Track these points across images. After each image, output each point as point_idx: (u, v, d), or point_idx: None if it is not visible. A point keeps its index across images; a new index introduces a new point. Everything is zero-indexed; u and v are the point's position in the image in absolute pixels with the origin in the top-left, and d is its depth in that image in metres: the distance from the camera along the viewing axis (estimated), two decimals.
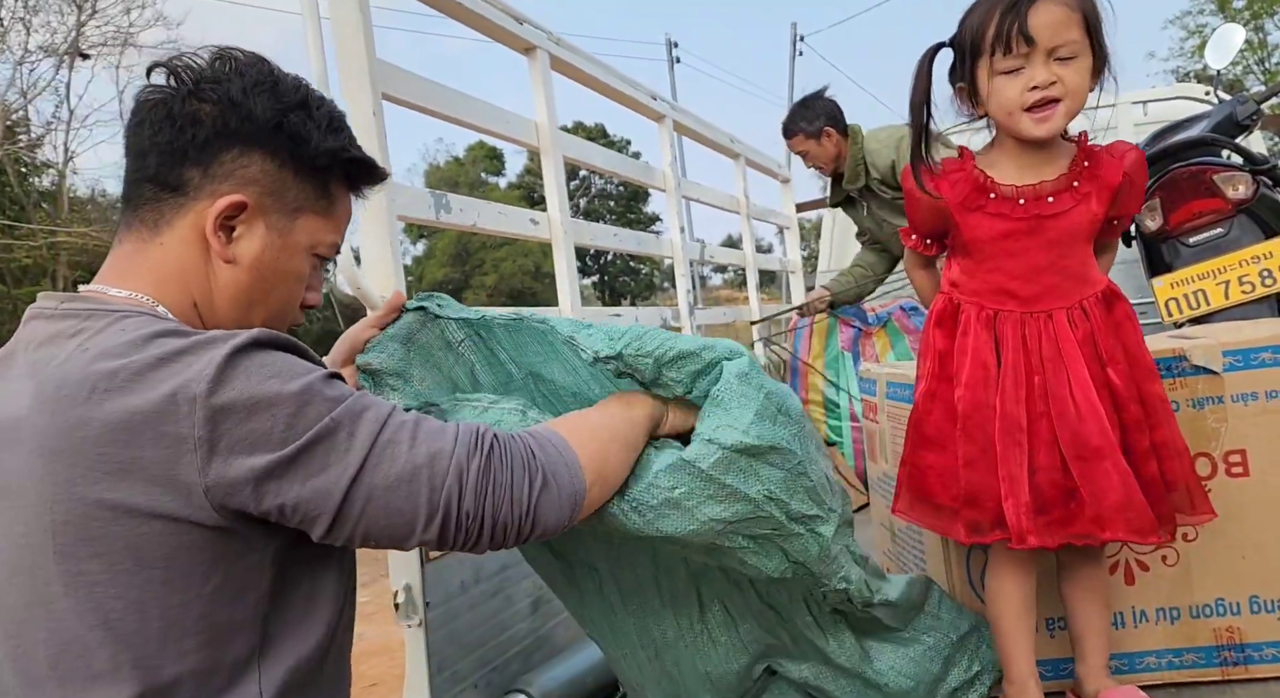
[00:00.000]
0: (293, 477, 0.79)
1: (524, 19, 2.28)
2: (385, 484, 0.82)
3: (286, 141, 0.92)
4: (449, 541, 0.85)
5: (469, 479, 0.84)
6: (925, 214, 1.44)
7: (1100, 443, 1.30)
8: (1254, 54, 18.73)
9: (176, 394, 0.77)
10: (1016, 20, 1.25)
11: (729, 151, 4.00)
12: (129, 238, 0.91)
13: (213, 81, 0.90)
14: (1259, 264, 2.33)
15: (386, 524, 0.83)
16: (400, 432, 0.84)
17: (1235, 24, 3.39)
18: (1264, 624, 1.56)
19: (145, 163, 0.90)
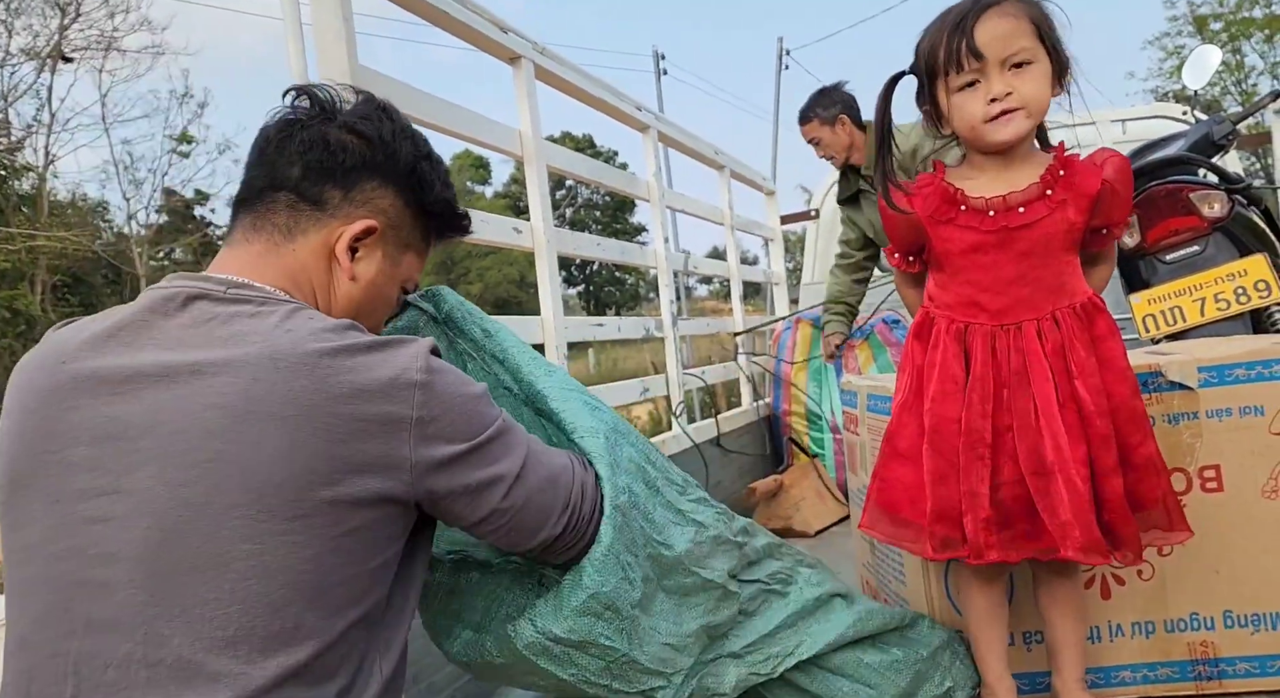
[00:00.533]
0: (473, 464, 0.91)
1: (509, 28, 2.28)
2: (537, 484, 0.97)
3: (415, 185, 1.04)
4: (563, 542, 1.01)
5: (587, 495, 1.03)
6: (901, 230, 1.44)
7: (1053, 459, 1.29)
8: (1231, 75, 19.04)
9: (398, 378, 0.86)
10: (963, 38, 1.28)
11: (714, 163, 4.02)
12: (258, 239, 0.98)
13: (364, 117, 1.00)
14: (1234, 282, 2.36)
15: (533, 518, 0.98)
16: (536, 444, 1.01)
17: (1212, 45, 3.44)
18: (1237, 639, 1.57)
19: (287, 173, 0.97)
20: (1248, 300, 2.33)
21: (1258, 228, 2.49)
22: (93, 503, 0.81)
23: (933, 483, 1.37)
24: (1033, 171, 1.35)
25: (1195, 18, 19.09)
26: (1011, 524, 1.33)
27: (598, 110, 2.96)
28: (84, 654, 0.80)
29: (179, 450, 0.81)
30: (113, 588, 0.80)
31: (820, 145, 3.29)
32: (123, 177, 20.34)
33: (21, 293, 15.53)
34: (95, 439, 0.83)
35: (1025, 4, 1.29)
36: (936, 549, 1.38)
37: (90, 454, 0.83)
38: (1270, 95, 3.32)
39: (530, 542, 1.00)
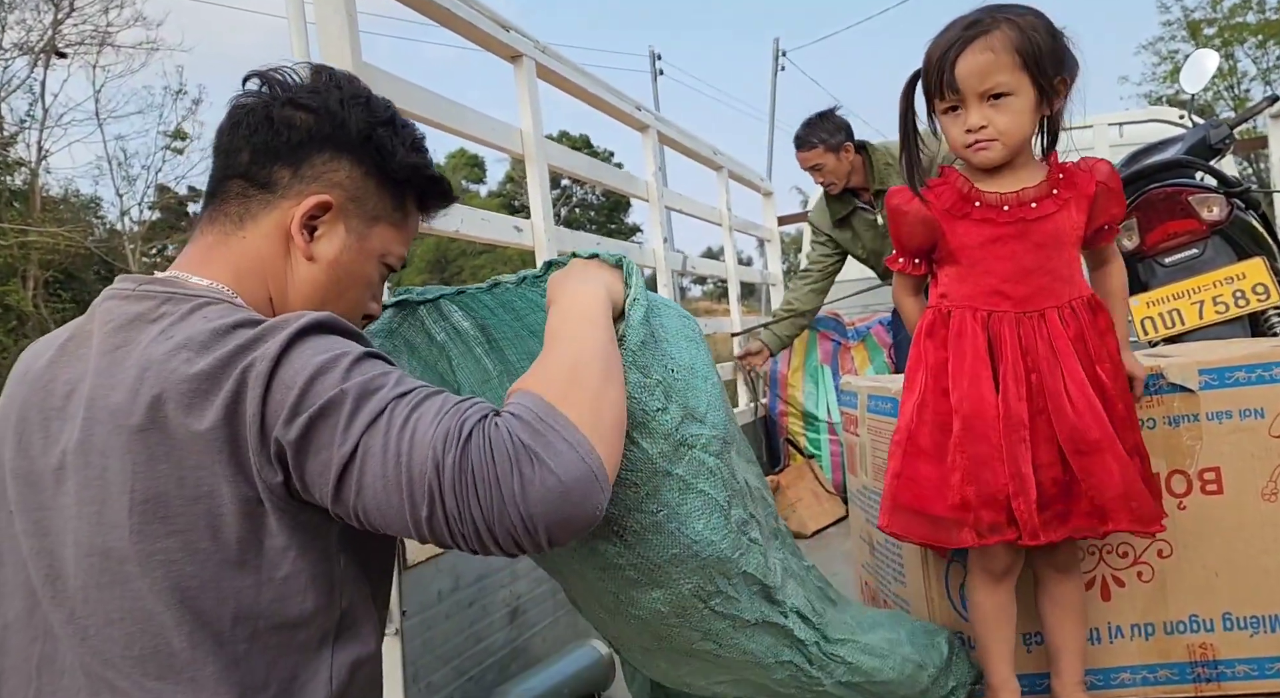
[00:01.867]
0: (305, 448, 0.78)
1: (510, 26, 2.28)
2: (372, 472, 0.77)
3: (373, 153, 0.96)
4: (439, 538, 0.78)
5: (445, 474, 0.75)
6: (913, 228, 1.46)
7: (1099, 436, 1.35)
8: (1224, 80, 19.12)
9: (246, 373, 0.79)
10: (944, 70, 1.34)
11: (712, 163, 4.02)
12: (211, 231, 0.94)
13: (311, 91, 0.95)
14: (1232, 285, 2.36)
15: (381, 511, 0.78)
16: (395, 415, 0.78)
17: (1210, 49, 3.46)
18: (1237, 641, 1.57)
19: (237, 160, 0.93)
20: (1246, 304, 2.34)
21: (1256, 232, 2.50)
22: (43, 514, 0.84)
23: (976, 469, 1.37)
24: (1035, 174, 1.42)
25: (1189, 23, 19.16)
26: (1049, 506, 1.38)
27: (598, 110, 2.96)
28: (44, 658, 0.82)
29: (83, 467, 0.81)
30: (57, 601, 0.82)
31: (821, 171, 3.26)
32: (116, 173, 20.12)
33: (13, 289, 15.44)
34: (43, 451, 0.84)
35: (1014, 33, 1.32)
36: (982, 534, 1.37)
37: (39, 466, 0.84)
38: (1267, 100, 3.33)
39: (404, 532, 0.80)
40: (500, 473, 0.75)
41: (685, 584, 1.02)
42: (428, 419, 0.78)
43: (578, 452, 0.77)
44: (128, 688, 0.78)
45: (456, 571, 1.69)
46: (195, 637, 0.78)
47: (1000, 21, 1.33)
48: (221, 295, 0.89)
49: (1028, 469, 1.36)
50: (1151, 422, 1.59)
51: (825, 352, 3.94)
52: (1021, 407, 1.36)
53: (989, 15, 1.34)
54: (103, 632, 0.79)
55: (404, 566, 1.53)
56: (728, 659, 1.13)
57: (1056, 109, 1.39)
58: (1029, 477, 1.36)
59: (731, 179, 4.18)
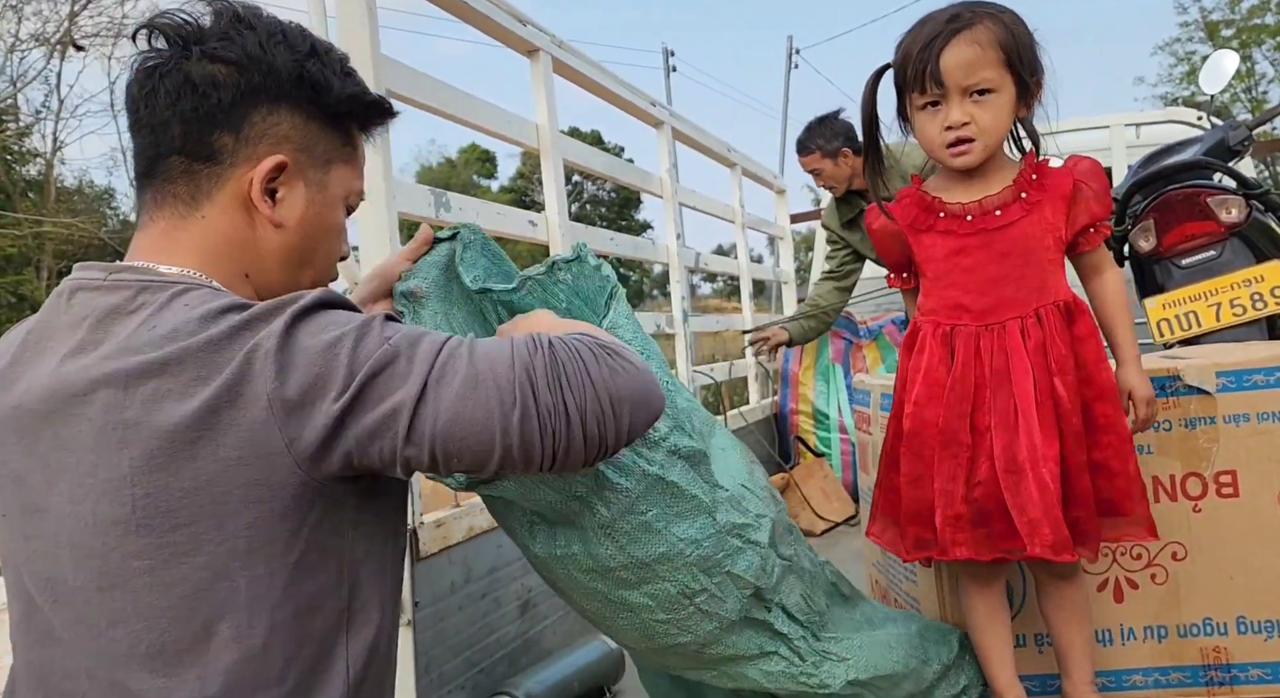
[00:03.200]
0: (362, 408, 0.77)
1: (528, 21, 2.28)
2: (451, 395, 0.77)
3: (309, 92, 0.89)
4: (539, 446, 0.79)
5: (537, 371, 0.78)
6: (889, 243, 1.47)
7: (1025, 458, 1.30)
8: (1242, 82, 18.97)
9: (251, 355, 0.76)
10: (928, 62, 1.29)
11: (725, 160, 4.01)
12: (162, 215, 0.88)
13: (222, 38, 0.86)
14: (1250, 287, 2.35)
15: (464, 437, 0.78)
16: (459, 349, 0.80)
17: (1229, 50, 3.43)
18: (1251, 645, 1.56)
19: (168, 135, 0.85)
20: (1264, 306, 2.32)
21: (1275, 234, 2.48)
22: (29, 519, 0.81)
23: (908, 484, 1.40)
24: (1006, 177, 1.38)
25: (1207, 24, 19.02)
26: (987, 523, 1.35)
27: (613, 105, 2.96)
28: (46, 664, 0.81)
29: (74, 466, 0.78)
30: (59, 604, 0.80)
31: (821, 176, 3.29)
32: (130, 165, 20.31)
33: (27, 278, 15.55)
34: (25, 452, 0.81)
35: (998, 28, 1.30)
36: (909, 550, 1.41)
37: (22, 468, 0.82)
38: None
39: (493, 456, 0.80)
40: (589, 363, 0.81)
41: (672, 583, 1.08)
42: (495, 344, 0.81)
43: (638, 359, 0.86)
44: (140, 688, 0.77)
45: (469, 563, 1.70)
46: (207, 631, 0.77)
47: (983, 16, 1.30)
48: (198, 282, 0.85)
49: (953, 485, 1.35)
50: (1168, 424, 1.59)
51: (837, 350, 3.94)
52: (961, 423, 1.35)
53: (969, 10, 1.31)
54: (107, 633, 0.78)
55: (417, 557, 1.53)
56: (715, 655, 1.17)
57: (1031, 111, 1.37)
58: (954, 493, 1.35)
59: (744, 176, 4.18)
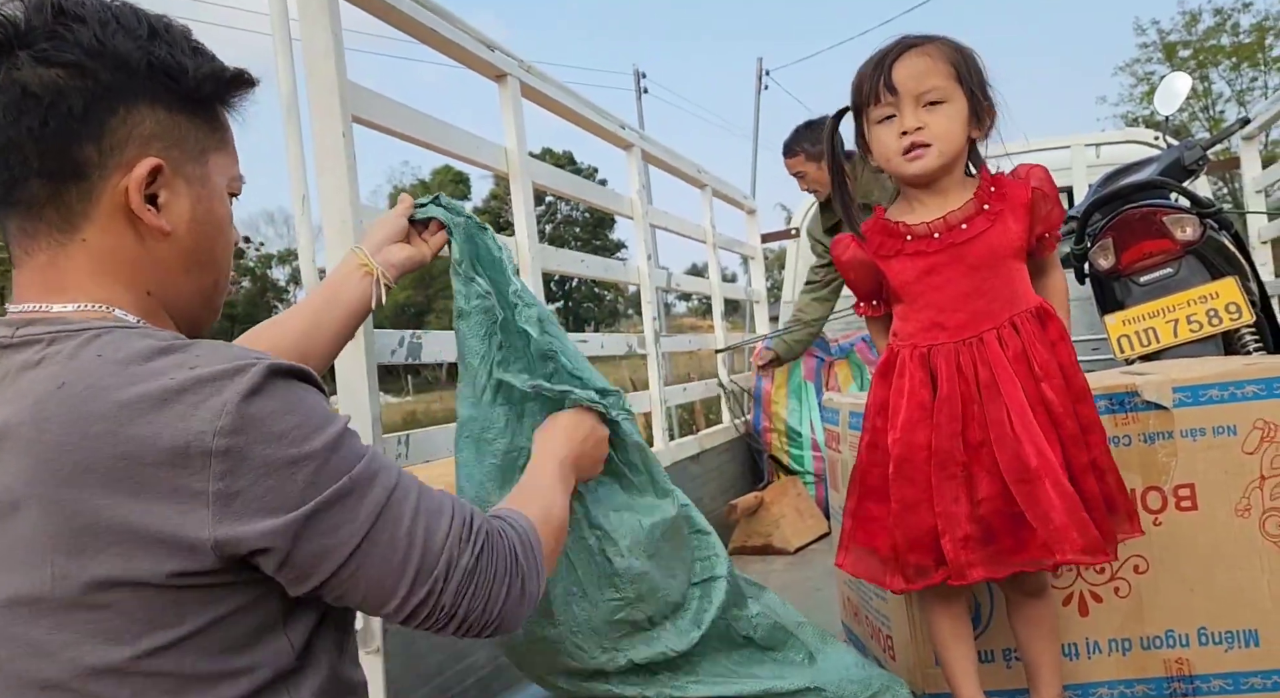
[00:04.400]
0: (306, 534, 0.74)
1: (495, 46, 2.30)
2: (379, 557, 0.78)
3: (164, 81, 0.80)
4: (412, 622, 0.82)
5: (455, 575, 0.82)
6: (857, 273, 1.50)
7: (1038, 464, 1.31)
8: (1199, 101, 19.46)
9: (189, 446, 0.69)
10: (881, 73, 1.37)
11: (696, 181, 4.05)
12: (38, 247, 0.79)
13: (50, 36, 0.75)
14: (1206, 304, 2.40)
15: (366, 594, 0.79)
16: (405, 505, 0.80)
17: (1182, 73, 3.52)
18: (1212, 656, 1.59)
19: (20, 157, 0.76)
20: (1219, 322, 2.38)
21: (1228, 251, 2.55)
22: None
23: (903, 512, 1.38)
24: (966, 193, 1.42)
25: (1165, 45, 19.54)
26: (996, 540, 1.34)
27: (583, 128, 2.98)
28: None
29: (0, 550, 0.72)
30: None
31: (805, 179, 3.34)
32: None
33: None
34: None
35: (947, 47, 1.38)
36: (909, 579, 1.39)
37: None
38: (1238, 122, 3.40)
39: (372, 612, 0.82)
40: (498, 583, 0.85)
41: None
42: (436, 509, 0.83)
43: (539, 579, 0.92)
44: None
45: None
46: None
47: (935, 39, 1.39)
48: (102, 318, 0.78)
49: (958, 507, 1.34)
50: (1128, 439, 1.62)
51: (809, 368, 3.97)
52: (955, 443, 1.35)
53: (922, 35, 1.40)
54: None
55: None
56: None
57: (984, 134, 1.41)
58: (958, 514, 1.34)
59: (715, 197, 4.22)
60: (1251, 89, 18.97)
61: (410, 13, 1.91)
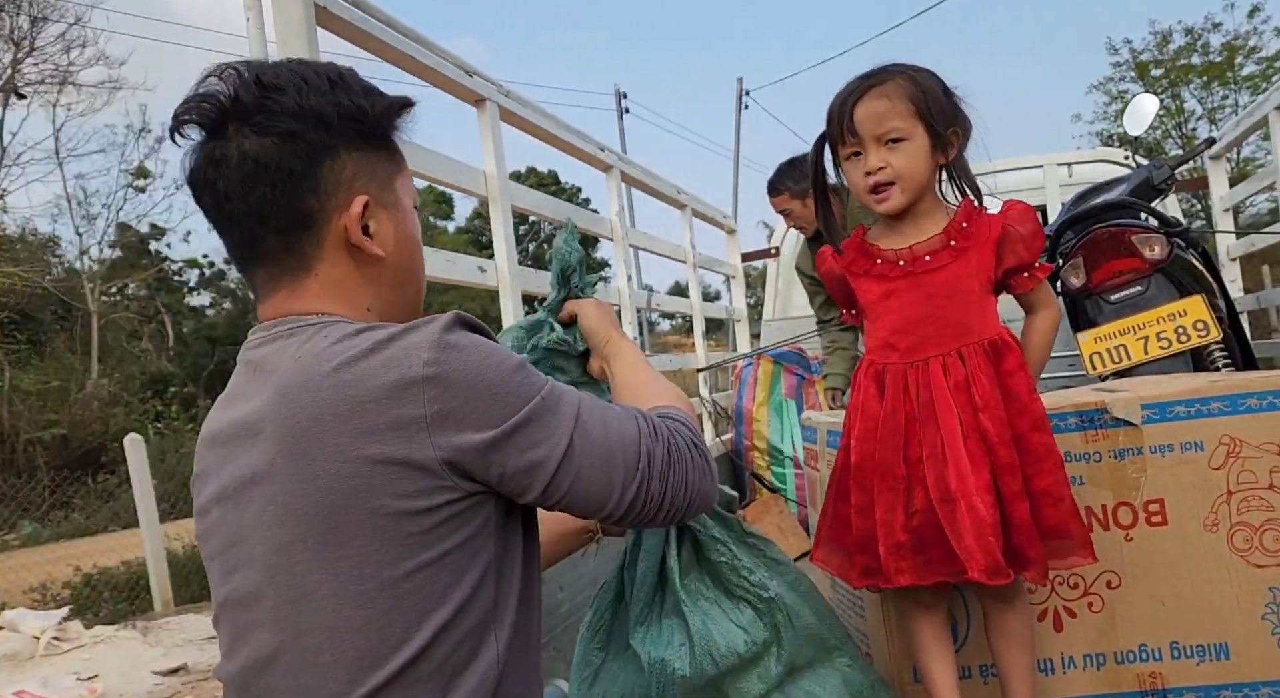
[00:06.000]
0: (511, 449, 0.87)
1: (474, 71, 2.32)
2: (589, 464, 0.91)
3: (352, 125, 0.94)
4: (633, 515, 0.95)
5: (655, 467, 0.95)
6: (836, 286, 1.57)
7: (957, 487, 1.36)
8: (1172, 120, 19.78)
9: (402, 378, 0.83)
10: (844, 116, 1.43)
11: (675, 202, 4.08)
12: (279, 286, 0.95)
13: (259, 110, 0.89)
14: (1174, 321, 2.45)
15: (586, 498, 0.92)
16: (593, 416, 0.93)
17: (1149, 94, 3.60)
18: (1185, 669, 1.61)
19: (260, 220, 0.91)
20: (1188, 339, 2.42)
21: (1196, 270, 2.60)
22: (228, 555, 0.91)
23: (857, 515, 1.47)
24: (939, 223, 1.47)
25: (1137, 64, 19.85)
26: (925, 549, 1.40)
27: (562, 151, 3.01)
28: (249, 686, 0.89)
29: (256, 496, 0.87)
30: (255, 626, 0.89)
31: (791, 216, 3.35)
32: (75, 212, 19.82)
33: None
34: (219, 498, 0.92)
35: (908, 84, 1.41)
36: (859, 577, 1.48)
37: (219, 514, 0.92)
38: (1204, 142, 3.47)
39: (599, 514, 0.95)
40: (689, 467, 0.98)
41: None
42: (623, 420, 0.96)
43: (706, 449, 1.03)
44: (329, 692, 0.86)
45: None
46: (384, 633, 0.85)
47: (895, 74, 1.43)
48: (331, 320, 0.93)
49: (892, 516, 1.41)
50: (1098, 455, 1.64)
51: (789, 386, 3.99)
52: (895, 456, 1.42)
53: (883, 70, 1.44)
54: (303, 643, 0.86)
55: None
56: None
57: (953, 158, 1.45)
58: (894, 523, 1.41)
59: (696, 217, 4.25)
60: (1222, 107, 19.31)
61: (388, 39, 1.93)
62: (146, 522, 6.14)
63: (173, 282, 26.31)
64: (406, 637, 0.85)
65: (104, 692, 4.14)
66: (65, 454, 12.79)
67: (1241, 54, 18.82)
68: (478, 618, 0.89)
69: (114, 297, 21.54)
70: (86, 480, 11.25)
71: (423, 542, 0.85)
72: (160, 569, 6.15)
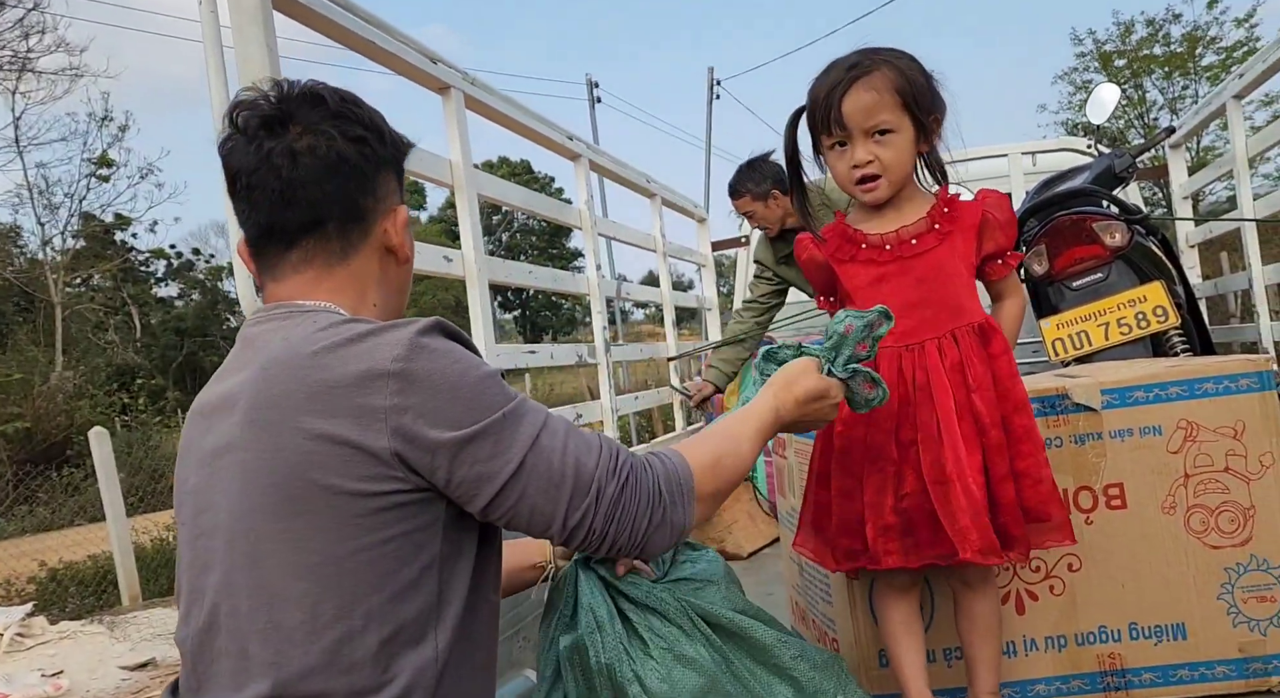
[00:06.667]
0: (461, 457, 0.90)
1: (438, 58, 2.29)
2: (537, 486, 0.94)
3: (390, 146, 1.07)
4: (575, 542, 0.98)
5: (603, 503, 0.97)
6: (816, 272, 1.55)
7: (952, 470, 1.38)
8: (1134, 109, 20.05)
9: (371, 368, 0.89)
10: (832, 107, 1.40)
11: (644, 191, 4.07)
12: (310, 267, 1.02)
13: (339, 116, 1.01)
14: (1134, 307, 2.49)
15: (530, 518, 0.95)
16: (554, 438, 0.96)
17: (1111, 83, 3.64)
18: (1142, 650, 1.64)
19: (328, 206, 1.00)
20: (1147, 325, 2.46)
21: (1156, 256, 2.63)
22: (198, 521, 0.95)
23: (839, 498, 1.46)
24: (919, 208, 1.48)
25: (1101, 54, 20.09)
26: (913, 532, 1.41)
27: (530, 140, 2.99)
28: (199, 648, 0.93)
29: (226, 464, 0.92)
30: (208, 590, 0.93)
31: (754, 218, 3.36)
32: (37, 201, 19.41)
33: None
34: (197, 466, 0.97)
35: (894, 74, 1.40)
36: (839, 561, 1.48)
37: (195, 482, 0.97)
38: (1164, 131, 3.52)
39: (539, 536, 0.99)
40: (640, 513, 1.00)
41: None
42: (584, 447, 0.98)
43: (685, 511, 1.04)
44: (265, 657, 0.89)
45: None
46: (319, 608, 0.88)
47: (880, 63, 1.40)
48: (328, 310, 1.00)
49: (882, 498, 1.42)
50: (1059, 440, 1.67)
51: None
52: (887, 439, 1.42)
53: (867, 58, 1.41)
54: (238, 607, 0.91)
55: None
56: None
57: (933, 145, 1.46)
58: (884, 504, 1.41)
59: (666, 206, 4.24)
60: (1183, 97, 19.61)
61: (349, 25, 1.90)
62: (113, 515, 6.04)
63: (139, 272, 25.86)
64: (339, 616, 0.88)
65: (70, 688, 4.07)
66: (29, 448, 12.54)
67: (1202, 44, 19.12)
68: (414, 613, 0.91)
69: (78, 288, 21.15)
70: (51, 474, 11.05)
71: (366, 524, 0.88)
72: (128, 563, 6.06)
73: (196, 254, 28.89)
